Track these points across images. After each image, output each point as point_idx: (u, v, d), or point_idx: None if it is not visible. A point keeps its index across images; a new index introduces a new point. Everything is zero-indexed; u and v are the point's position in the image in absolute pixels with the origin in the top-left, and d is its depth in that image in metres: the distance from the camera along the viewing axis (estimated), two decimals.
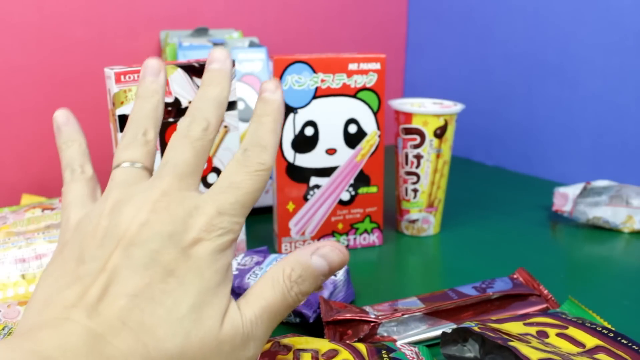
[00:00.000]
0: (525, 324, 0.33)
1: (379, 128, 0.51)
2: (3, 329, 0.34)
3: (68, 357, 0.20)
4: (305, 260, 0.26)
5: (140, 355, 0.21)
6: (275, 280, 0.26)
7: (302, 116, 0.50)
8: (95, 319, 0.21)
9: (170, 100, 0.44)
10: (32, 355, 0.19)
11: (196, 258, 0.24)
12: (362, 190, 0.53)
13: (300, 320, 0.39)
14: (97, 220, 0.24)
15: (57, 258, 0.24)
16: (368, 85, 0.50)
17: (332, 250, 0.27)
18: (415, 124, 0.54)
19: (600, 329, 0.32)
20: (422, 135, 0.54)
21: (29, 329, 0.21)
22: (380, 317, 0.36)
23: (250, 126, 0.27)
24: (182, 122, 0.27)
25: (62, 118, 0.30)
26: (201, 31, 0.71)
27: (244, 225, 0.26)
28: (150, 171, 0.28)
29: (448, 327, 0.37)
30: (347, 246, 0.54)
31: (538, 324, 0.33)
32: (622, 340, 0.31)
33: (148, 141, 0.28)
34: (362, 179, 0.52)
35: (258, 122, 0.27)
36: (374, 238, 0.55)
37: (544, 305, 0.39)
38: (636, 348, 0.30)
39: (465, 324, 0.32)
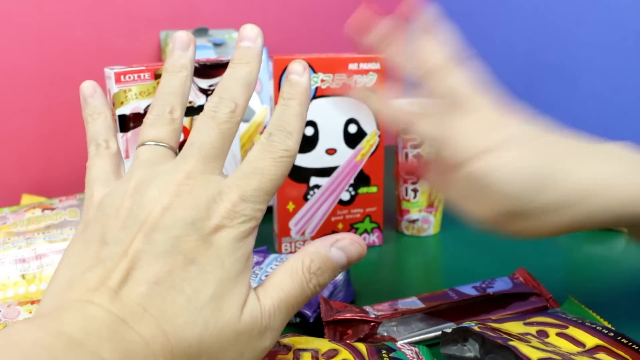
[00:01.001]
0: (525, 324, 0.33)
1: (378, 128, 0.51)
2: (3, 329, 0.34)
3: (92, 339, 0.20)
4: (325, 252, 0.26)
5: (160, 343, 0.21)
6: (294, 271, 0.26)
7: None
8: (117, 304, 0.21)
9: None
10: (59, 336, 0.20)
11: (217, 246, 0.24)
12: (362, 190, 0.53)
13: (300, 320, 0.39)
14: (120, 200, 0.24)
15: (80, 238, 0.25)
16: (368, 85, 0.50)
17: (351, 243, 0.27)
18: None
19: (600, 328, 0.32)
20: None
21: (53, 309, 0.21)
22: (380, 317, 0.36)
23: (277, 109, 0.27)
24: (210, 103, 0.27)
25: (89, 90, 0.30)
26: (201, 31, 0.71)
27: (264, 211, 0.26)
28: (175, 150, 0.28)
29: (448, 327, 0.37)
30: None
31: (538, 323, 0.33)
32: (622, 340, 0.31)
33: (174, 119, 0.28)
34: (362, 179, 0.52)
35: (284, 105, 0.27)
36: (374, 238, 0.55)
37: (544, 305, 0.39)
38: (636, 348, 0.30)
39: (465, 324, 0.32)
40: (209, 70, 0.43)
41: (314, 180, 0.51)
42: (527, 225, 0.32)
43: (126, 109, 0.41)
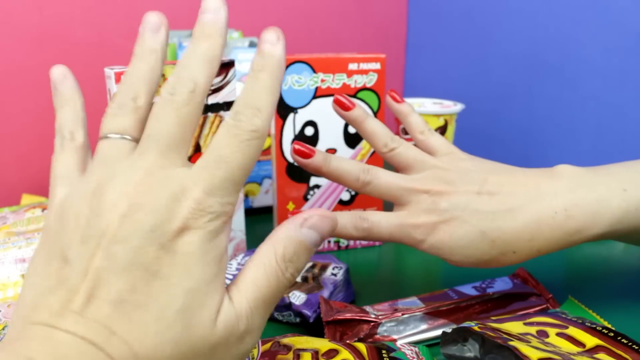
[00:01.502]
0: (525, 324, 0.33)
1: None
2: (3, 329, 0.34)
3: None
4: (296, 235, 0.24)
5: None
6: (268, 263, 0.24)
7: (302, 116, 0.50)
8: (82, 327, 0.20)
9: None
10: None
11: (182, 253, 0.22)
12: None
13: (300, 320, 0.39)
14: (78, 205, 0.23)
15: (41, 251, 0.23)
16: (368, 85, 0.50)
17: (321, 219, 0.25)
18: None
19: (600, 328, 0.32)
20: None
21: (20, 335, 0.21)
22: (380, 317, 0.36)
23: (246, 84, 0.24)
24: (166, 85, 0.24)
25: (59, 75, 0.27)
26: None
27: (236, 204, 0.24)
28: (138, 141, 0.25)
29: (448, 327, 0.37)
30: (347, 246, 0.54)
31: (538, 323, 0.33)
32: (622, 340, 0.31)
33: (138, 107, 0.25)
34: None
35: (254, 79, 0.24)
36: None
37: (544, 305, 0.40)
38: (636, 348, 0.30)
39: (465, 324, 0.32)
40: None
41: (314, 180, 0.51)
42: (497, 263, 0.36)
43: None
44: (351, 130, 0.51)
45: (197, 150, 0.46)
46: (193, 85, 0.24)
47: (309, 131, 0.50)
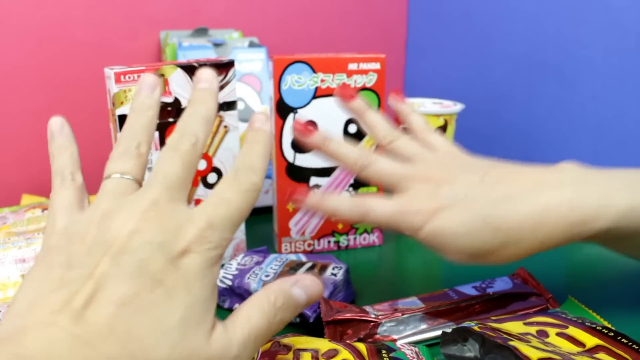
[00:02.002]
0: (525, 324, 0.33)
1: None
2: None
3: None
4: (288, 290, 0.27)
5: None
6: (262, 306, 0.26)
7: (301, 116, 0.50)
8: (81, 325, 0.21)
9: (169, 100, 0.44)
10: (16, 359, 0.19)
11: (185, 270, 0.24)
12: (362, 190, 0.53)
13: (300, 320, 0.39)
14: (86, 228, 0.24)
15: (42, 262, 0.24)
16: (368, 85, 0.50)
17: (311, 282, 0.28)
18: None
19: (600, 328, 0.32)
20: None
21: (13, 332, 0.21)
22: (380, 317, 0.36)
23: (242, 150, 0.29)
24: (172, 137, 0.28)
25: (57, 125, 0.31)
26: (201, 31, 0.71)
27: (230, 242, 0.27)
28: (140, 184, 0.28)
29: (448, 327, 0.37)
30: (347, 246, 0.54)
31: (538, 323, 0.33)
32: (622, 340, 0.31)
33: (141, 154, 0.28)
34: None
35: (249, 147, 0.29)
36: (374, 238, 0.55)
37: (544, 305, 0.40)
38: (636, 348, 0.30)
39: (465, 324, 0.32)
40: None
41: (314, 180, 0.51)
42: (497, 258, 0.35)
43: (126, 109, 0.41)
44: (351, 130, 0.51)
45: None
46: (195, 139, 0.28)
47: None
